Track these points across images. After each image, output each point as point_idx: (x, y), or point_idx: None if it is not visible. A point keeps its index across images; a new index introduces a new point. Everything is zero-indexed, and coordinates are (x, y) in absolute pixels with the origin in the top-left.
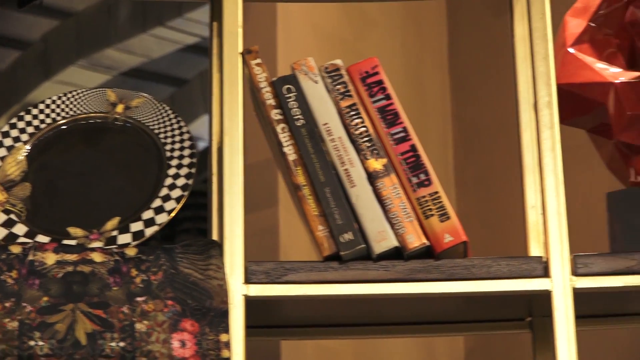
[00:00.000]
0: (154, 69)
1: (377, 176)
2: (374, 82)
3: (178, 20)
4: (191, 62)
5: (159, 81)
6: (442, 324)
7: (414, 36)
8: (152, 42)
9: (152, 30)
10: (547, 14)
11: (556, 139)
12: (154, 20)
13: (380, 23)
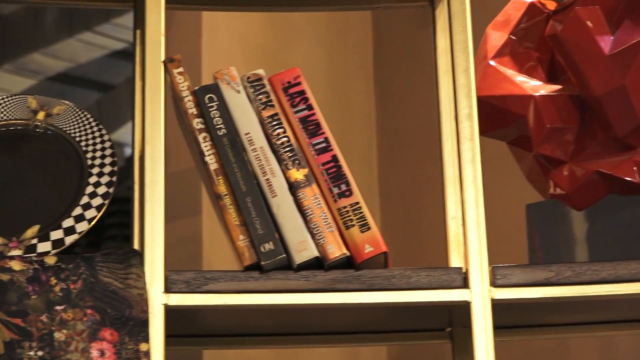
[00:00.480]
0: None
1: (299, 186)
2: (296, 93)
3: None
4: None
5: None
6: (364, 334)
7: (339, 46)
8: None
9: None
10: (468, 27)
11: (476, 151)
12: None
13: (306, 33)
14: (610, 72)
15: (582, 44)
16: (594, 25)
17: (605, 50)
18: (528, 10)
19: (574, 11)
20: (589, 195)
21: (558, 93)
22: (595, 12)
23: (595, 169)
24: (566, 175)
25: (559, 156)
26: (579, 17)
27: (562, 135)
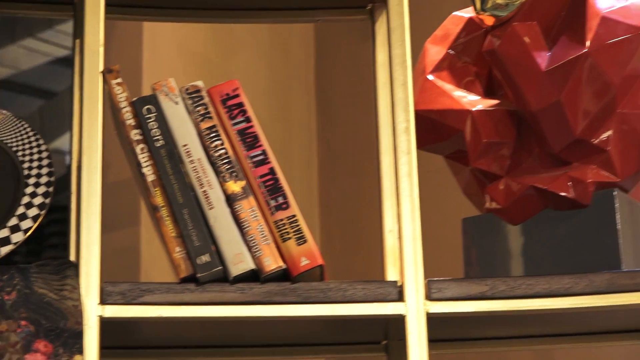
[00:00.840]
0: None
1: (236, 198)
2: (234, 105)
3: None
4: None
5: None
6: (300, 347)
7: (281, 58)
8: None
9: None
10: (406, 41)
11: (413, 165)
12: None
13: (248, 44)
14: (547, 87)
15: (519, 60)
16: (531, 41)
17: (542, 66)
18: (466, 26)
19: (511, 27)
20: (524, 210)
21: (495, 108)
22: (533, 28)
23: (530, 184)
24: (502, 190)
25: (495, 171)
26: (517, 33)
27: (499, 150)
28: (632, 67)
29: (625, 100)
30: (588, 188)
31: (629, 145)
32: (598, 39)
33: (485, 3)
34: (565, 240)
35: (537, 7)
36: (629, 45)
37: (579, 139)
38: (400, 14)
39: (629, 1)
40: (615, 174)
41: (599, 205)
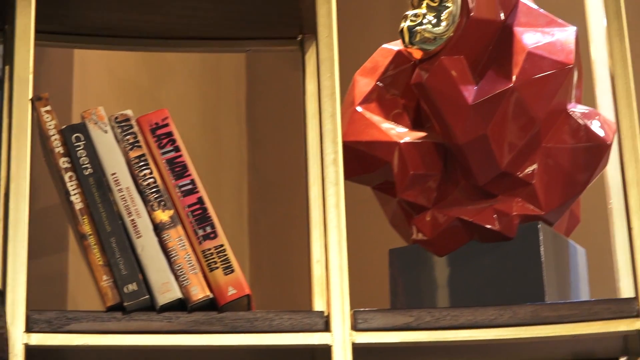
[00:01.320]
0: None
1: (164, 227)
2: (163, 134)
3: None
4: None
5: None
6: None
7: (212, 86)
8: None
9: None
10: (335, 73)
11: (340, 196)
12: None
13: (180, 71)
14: (473, 121)
15: (446, 93)
16: (458, 75)
17: (468, 100)
18: (395, 58)
19: (439, 60)
20: (450, 242)
21: (422, 140)
22: (460, 62)
23: (456, 216)
24: (428, 221)
25: (421, 202)
26: (444, 67)
27: (426, 181)
28: (557, 101)
29: (550, 135)
30: (513, 221)
31: (553, 179)
32: (524, 74)
33: (414, 36)
34: (491, 272)
35: (465, 41)
36: (554, 81)
37: (504, 172)
38: (330, 46)
39: (554, 37)
40: (540, 207)
41: (523, 237)
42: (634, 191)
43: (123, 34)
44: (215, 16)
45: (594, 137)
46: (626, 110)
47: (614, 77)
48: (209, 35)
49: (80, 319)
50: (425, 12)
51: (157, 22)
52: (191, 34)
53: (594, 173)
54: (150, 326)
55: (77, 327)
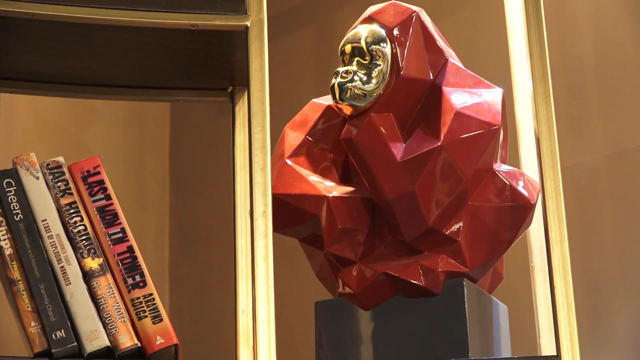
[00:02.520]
0: None
1: (93, 275)
2: (95, 182)
3: None
4: None
5: None
6: None
7: (136, 132)
8: None
9: None
10: (266, 127)
11: (269, 248)
12: None
13: (105, 116)
14: (401, 178)
15: (375, 149)
16: (388, 132)
17: (397, 157)
18: (325, 113)
19: (369, 117)
20: (376, 296)
21: (351, 195)
22: (389, 119)
23: (383, 271)
24: (355, 275)
25: (348, 256)
26: (374, 123)
27: (353, 236)
28: (484, 161)
29: (476, 193)
30: (438, 277)
31: (479, 236)
32: (452, 133)
33: (344, 93)
34: (416, 327)
35: (394, 99)
36: (481, 141)
37: (431, 228)
38: (262, 100)
39: (482, 98)
40: (465, 264)
41: (448, 294)
42: (557, 251)
43: (54, 80)
44: (147, 65)
45: (518, 196)
46: (551, 171)
47: (540, 140)
48: (139, 84)
49: None
50: (356, 69)
51: (91, 69)
52: (122, 82)
53: (518, 232)
54: None
55: None
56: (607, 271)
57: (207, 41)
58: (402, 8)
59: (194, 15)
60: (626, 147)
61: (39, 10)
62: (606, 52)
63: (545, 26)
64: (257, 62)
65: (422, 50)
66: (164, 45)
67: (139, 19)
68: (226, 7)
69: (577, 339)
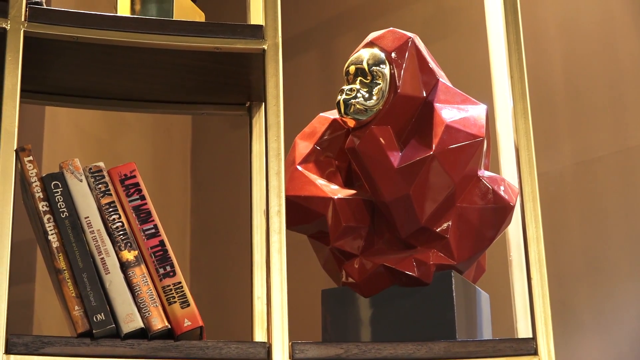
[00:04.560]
0: None
1: (129, 266)
2: (131, 184)
3: None
4: None
5: None
6: None
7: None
8: None
9: None
10: (281, 137)
11: (283, 243)
12: None
13: (135, 127)
14: (398, 182)
15: (375, 157)
16: (386, 142)
17: (394, 164)
18: (331, 125)
19: (370, 129)
20: (375, 285)
21: (353, 197)
22: (388, 131)
23: (381, 263)
24: (356, 267)
25: (351, 250)
26: (374, 134)
27: (355, 232)
28: (470, 168)
29: (463, 196)
30: (430, 269)
31: (465, 234)
32: (442, 143)
33: (348, 108)
34: (409, 312)
35: (392, 113)
36: (468, 150)
37: (423, 227)
38: (277, 113)
39: (468, 113)
40: (453, 258)
41: (438, 284)
42: (534, 247)
43: (92, 95)
44: (174, 82)
45: (500, 199)
46: (528, 177)
47: (519, 150)
48: (167, 99)
49: (54, 344)
50: (359, 87)
51: (125, 86)
52: (152, 97)
53: (499, 230)
54: (115, 351)
55: (51, 350)
56: (573, 266)
57: (228, 62)
58: (400, 34)
59: (217, 39)
60: (591, 156)
61: (82, 34)
62: (574, 72)
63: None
64: (273, 80)
65: (416, 71)
66: (190, 65)
67: (170, 42)
68: (246, 33)
69: (551, 324)
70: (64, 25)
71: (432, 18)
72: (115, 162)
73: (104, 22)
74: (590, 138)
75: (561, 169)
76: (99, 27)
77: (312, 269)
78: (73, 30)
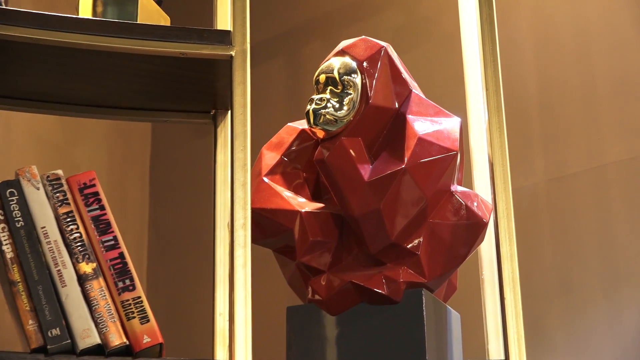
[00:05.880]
0: None
1: (87, 278)
2: (90, 193)
3: None
4: None
5: None
6: None
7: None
8: None
9: None
10: (247, 147)
11: (248, 257)
12: None
13: (92, 132)
14: (368, 196)
15: (345, 170)
16: (357, 155)
17: (364, 177)
18: (299, 136)
19: (340, 140)
20: (342, 303)
21: (321, 210)
22: (358, 143)
23: (349, 280)
24: (323, 284)
25: (318, 266)
26: (344, 146)
27: (323, 247)
28: (443, 182)
29: (435, 212)
30: (400, 286)
31: (436, 251)
32: (415, 157)
33: (318, 118)
34: (378, 332)
35: (363, 124)
36: (441, 164)
37: (393, 243)
38: (244, 122)
39: (442, 125)
40: (424, 276)
41: (408, 302)
42: (508, 265)
43: (49, 99)
44: (137, 88)
45: (473, 215)
46: (503, 193)
47: (493, 165)
48: (130, 105)
49: (6, 359)
50: (329, 97)
51: (85, 90)
52: (113, 103)
53: (472, 247)
54: None
55: None
56: (545, 285)
57: (194, 68)
58: (372, 43)
59: (183, 44)
60: (564, 173)
61: (40, 36)
62: (548, 87)
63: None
64: (240, 88)
65: (389, 81)
66: (154, 71)
67: (133, 46)
68: (213, 38)
69: (524, 344)
70: (22, 27)
71: (403, 27)
72: (71, 171)
73: (66, 24)
74: (564, 153)
75: (534, 185)
76: (59, 29)
77: (277, 285)
78: (32, 31)
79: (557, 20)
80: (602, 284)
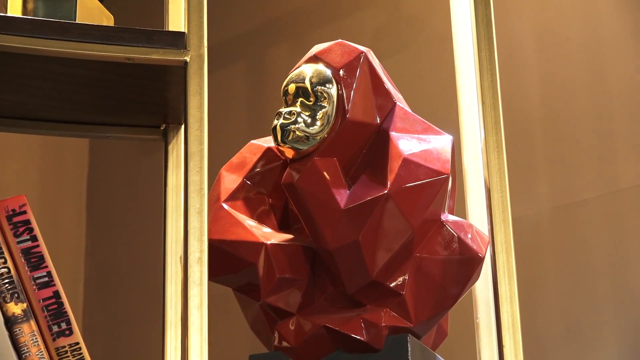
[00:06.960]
0: None
1: (16, 321)
2: (20, 222)
3: None
4: None
5: None
6: None
7: (53, 167)
8: None
9: None
10: (204, 168)
11: (204, 297)
12: None
13: (20, 150)
14: (345, 226)
15: (318, 196)
16: (331, 178)
17: (341, 204)
18: (264, 155)
19: (312, 161)
20: (314, 350)
21: (290, 243)
22: (333, 164)
23: (322, 324)
24: (292, 329)
25: (286, 308)
26: (317, 168)
27: (292, 286)
28: (431, 211)
29: (423, 245)
30: (381, 332)
31: (424, 290)
32: (399, 180)
33: (286, 135)
34: None
35: (339, 143)
36: (429, 189)
37: (374, 281)
38: (200, 140)
39: (431, 144)
40: (409, 319)
41: (391, 350)
42: (507, 308)
43: None
44: (75, 99)
45: (467, 249)
46: (501, 224)
47: (491, 190)
48: (66, 118)
49: None
50: (300, 110)
51: (13, 100)
52: (47, 116)
53: (465, 286)
54: None
55: None
56: (550, 330)
57: (141, 75)
58: (350, 48)
59: (129, 48)
60: (573, 199)
61: None
62: (553, 105)
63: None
64: (196, 99)
65: (369, 92)
66: (95, 79)
67: (71, 49)
68: (165, 41)
69: None
70: None
71: (385, 28)
72: None
73: None
74: (572, 177)
75: (537, 213)
76: None
77: (238, 329)
78: None
79: (565, 21)
80: (617, 329)
